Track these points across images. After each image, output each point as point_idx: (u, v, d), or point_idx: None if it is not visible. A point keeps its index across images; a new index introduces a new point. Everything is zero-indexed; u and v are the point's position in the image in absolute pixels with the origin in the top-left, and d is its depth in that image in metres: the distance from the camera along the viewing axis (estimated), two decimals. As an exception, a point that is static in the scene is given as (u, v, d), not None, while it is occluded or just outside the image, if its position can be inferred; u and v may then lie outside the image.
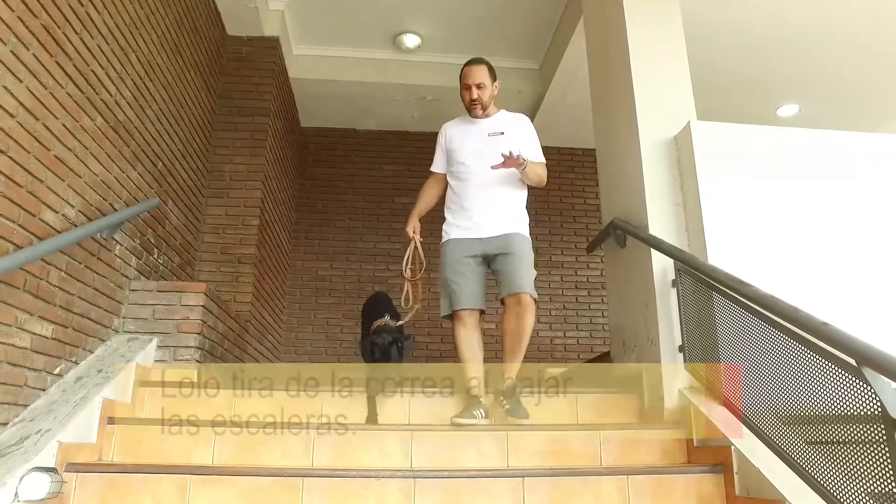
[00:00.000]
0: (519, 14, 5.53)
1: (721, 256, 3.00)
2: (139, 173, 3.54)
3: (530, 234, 3.25)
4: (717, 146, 3.27)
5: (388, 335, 3.05)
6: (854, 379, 1.84)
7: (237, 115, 5.03)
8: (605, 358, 4.15)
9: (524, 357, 3.08)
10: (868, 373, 1.74)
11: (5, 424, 2.35)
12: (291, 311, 6.17)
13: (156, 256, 3.81)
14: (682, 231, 3.28)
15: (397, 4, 5.43)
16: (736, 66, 5.71)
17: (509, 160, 2.99)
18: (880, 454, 1.77)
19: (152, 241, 3.75)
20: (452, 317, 3.15)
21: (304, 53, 5.97)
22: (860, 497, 1.87)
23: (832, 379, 1.96)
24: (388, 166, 6.66)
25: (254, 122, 5.07)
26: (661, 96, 3.50)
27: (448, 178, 3.32)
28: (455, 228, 3.20)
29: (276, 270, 5.63)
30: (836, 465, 1.99)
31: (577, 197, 6.72)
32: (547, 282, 6.55)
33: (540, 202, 6.40)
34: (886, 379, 1.71)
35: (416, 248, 3.26)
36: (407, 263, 3.25)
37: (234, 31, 5.22)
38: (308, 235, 6.57)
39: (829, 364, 1.96)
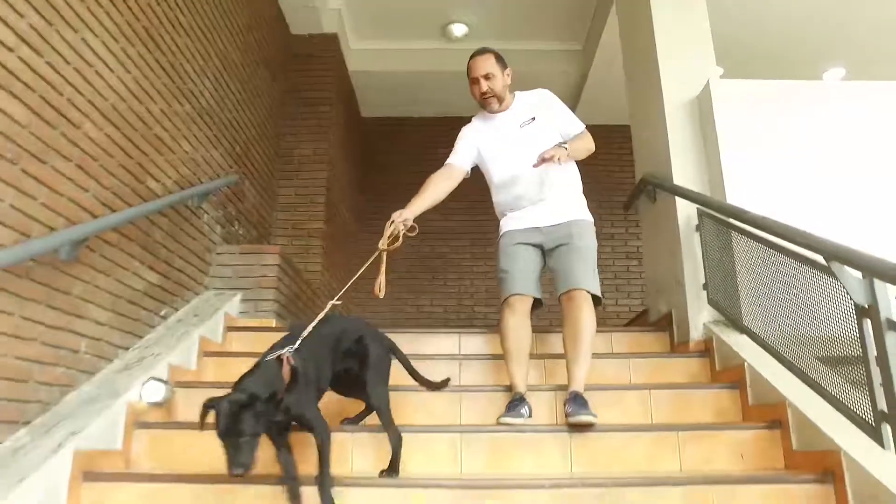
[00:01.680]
0: (560, -3, 5.84)
1: (739, 201, 3.24)
2: (221, 154, 4.08)
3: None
4: (734, 101, 3.51)
5: (243, 394, 1.85)
6: (827, 277, 2.12)
7: (303, 106, 5.57)
8: (644, 315, 4.43)
9: None
10: (835, 266, 2.03)
11: (128, 349, 2.90)
12: (359, 285, 6.67)
13: (236, 227, 4.36)
14: (704, 182, 3.54)
15: (444, -4, 5.84)
16: (777, 28, 5.81)
17: (548, 159, 2.66)
18: (854, 343, 2.04)
19: (233, 214, 4.30)
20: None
21: (361, 47, 6.46)
22: (843, 387, 2.14)
23: (813, 281, 2.24)
24: (442, 150, 7.01)
25: (318, 112, 5.60)
26: (683, 60, 3.77)
27: (488, 180, 3.01)
28: (512, 220, 2.93)
29: (343, 246, 6.15)
30: (825, 362, 2.26)
31: (625, 171, 6.91)
32: (599, 253, 6.83)
33: (589, 177, 6.60)
34: (851, 270, 1.98)
35: (400, 230, 2.59)
36: (385, 238, 2.59)
37: (297, 30, 5.75)
38: (371, 216, 7.06)
39: (810, 269, 2.24)
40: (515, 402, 2.66)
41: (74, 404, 2.43)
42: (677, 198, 3.48)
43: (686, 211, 3.47)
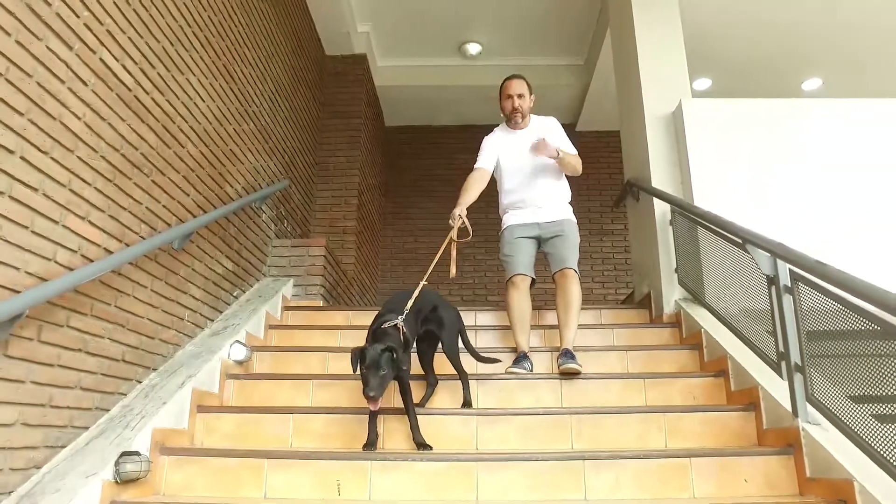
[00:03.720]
0: (564, 18, 6.54)
1: (705, 200, 3.95)
2: (274, 163, 4.87)
3: (583, 207, 3.72)
4: (703, 117, 4.23)
5: (382, 344, 2.58)
6: (746, 255, 2.85)
7: (336, 119, 6.36)
8: (632, 296, 5.15)
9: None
10: (749, 247, 2.75)
11: (213, 320, 3.69)
12: (384, 278, 7.46)
13: (286, 225, 5.15)
14: (677, 185, 4.26)
15: (460, 19, 6.58)
16: (758, 42, 6.45)
17: (541, 145, 3.42)
18: (767, 304, 2.76)
19: (283, 213, 5.09)
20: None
21: (387, 65, 7.24)
22: (763, 338, 2.86)
23: (743, 260, 2.96)
24: (460, 155, 7.76)
25: (349, 124, 6.38)
26: (662, 81, 4.49)
27: (499, 183, 3.73)
28: (515, 217, 3.65)
29: (371, 243, 6.93)
30: (752, 320, 2.99)
31: (622, 173, 7.64)
32: (600, 247, 7.60)
33: (592, 179, 7.45)
34: (760, 250, 2.70)
35: (463, 222, 3.42)
36: (453, 233, 3.41)
37: (331, 52, 6.54)
38: (395, 216, 7.86)
39: (741, 251, 2.97)
40: (520, 358, 3.42)
41: (185, 357, 3.22)
42: (654, 198, 4.20)
43: (661, 208, 4.19)
